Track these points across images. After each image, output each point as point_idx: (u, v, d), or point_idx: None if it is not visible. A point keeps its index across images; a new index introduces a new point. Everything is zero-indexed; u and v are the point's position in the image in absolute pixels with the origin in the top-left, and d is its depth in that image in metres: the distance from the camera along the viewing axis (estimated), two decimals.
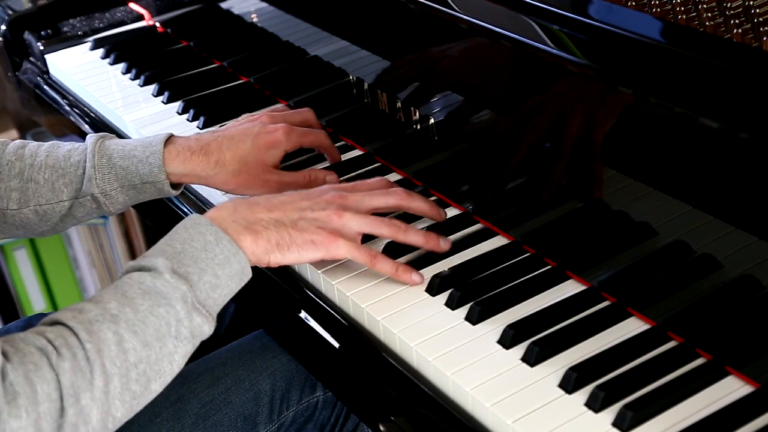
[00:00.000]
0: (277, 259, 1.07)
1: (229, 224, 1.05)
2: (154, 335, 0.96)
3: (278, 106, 1.38)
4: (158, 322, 0.96)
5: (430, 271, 1.14)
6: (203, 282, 1.00)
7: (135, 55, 1.73)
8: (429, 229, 1.18)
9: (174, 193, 1.27)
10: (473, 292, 1.09)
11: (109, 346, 0.93)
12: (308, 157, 1.39)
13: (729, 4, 1.03)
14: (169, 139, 1.25)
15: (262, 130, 1.27)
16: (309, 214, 1.09)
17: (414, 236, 1.14)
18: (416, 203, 1.17)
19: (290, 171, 1.29)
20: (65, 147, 1.26)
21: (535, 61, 1.12)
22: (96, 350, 0.92)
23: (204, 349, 1.33)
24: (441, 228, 1.20)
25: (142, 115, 1.56)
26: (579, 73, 1.07)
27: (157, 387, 0.97)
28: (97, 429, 0.92)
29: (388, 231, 1.13)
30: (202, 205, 1.36)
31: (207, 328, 1.01)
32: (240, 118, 1.35)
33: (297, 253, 1.08)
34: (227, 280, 1.02)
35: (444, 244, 1.16)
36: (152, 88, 1.62)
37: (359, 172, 1.35)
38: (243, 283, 1.05)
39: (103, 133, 1.28)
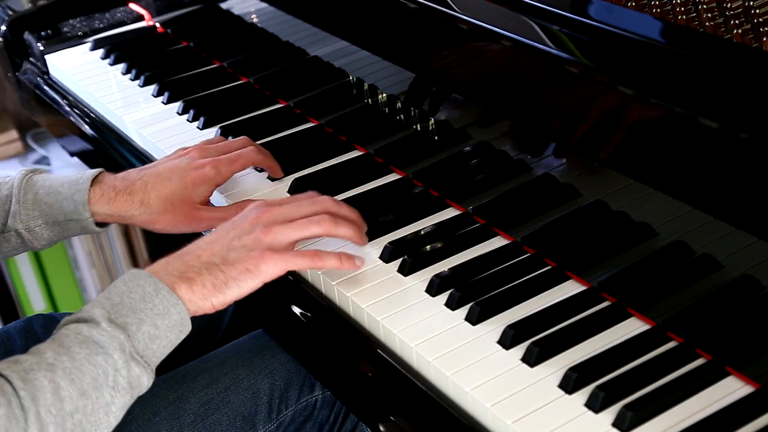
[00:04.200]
0: (219, 300, 1.04)
1: (164, 277, 1.02)
2: (91, 384, 0.93)
3: (213, 138, 1.36)
4: (95, 370, 0.94)
5: (430, 271, 1.14)
6: (142, 332, 0.98)
7: (135, 55, 1.73)
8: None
9: (100, 231, 1.25)
10: (473, 292, 1.09)
11: (44, 394, 0.90)
12: None
13: (729, 4, 1.03)
14: (98, 177, 1.24)
15: (190, 166, 1.23)
16: (236, 243, 1.06)
17: (344, 230, 1.11)
18: (342, 230, 1.12)
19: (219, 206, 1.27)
20: None
21: (535, 61, 1.12)
22: (31, 398, 0.90)
23: (203, 348, 1.33)
24: (442, 228, 1.21)
25: (142, 115, 1.56)
26: (579, 73, 1.07)
27: None
28: None
29: (319, 229, 1.09)
30: None
31: (146, 380, 0.98)
32: (173, 152, 1.32)
33: (237, 287, 1.04)
34: (166, 331, 1.00)
35: (365, 239, 1.15)
36: (152, 88, 1.62)
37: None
38: (182, 336, 1.02)
39: (33, 167, 1.27)
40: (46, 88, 1.75)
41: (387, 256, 1.16)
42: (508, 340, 1.02)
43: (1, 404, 0.88)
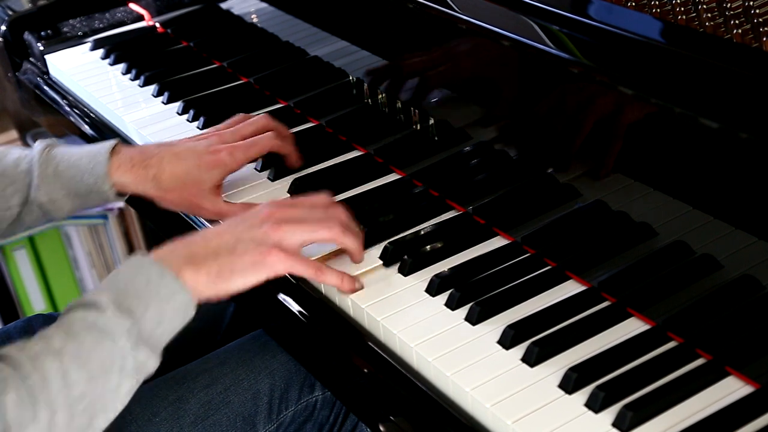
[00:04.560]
0: (222, 289, 1.04)
1: (170, 262, 1.03)
2: (98, 369, 0.95)
3: (236, 117, 1.36)
4: (102, 356, 0.95)
5: (430, 271, 1.14)
6: (147, 318, 0.99)
7: (135, 55, 1.73)
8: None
9: (119, 200, 1.28)
10: (473, 292, 1.09)
11: (53, 381, 0.92)
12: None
13: (729, 4, 1.03)
14: (115, 148, 1.26)
15: (206, 150, 1.26)
16: (245, 235, 1.07)
17: (350, 241, 1.12)
18: (349, 241, 1.13)
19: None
20: (14, 154, 1.28)
21: (535, 61, 1.12)
22: (40, 384, 0.91)
23: (203, 349, 1.33)
24: (442, 228, 1.21)
25: (142, 115, 1.56)
26: (579, 73, 1.07)
27: (101, 423, 0.96)
28: None
29: (328, 234, 1.10)
30: None
31: (152, 364, 0.99)
32: (192, 135, 1.34)
33: (242, 278, 1.05)
34: (171, 316, 1.01)
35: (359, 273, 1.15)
36: (152, 88, 1.62)
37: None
38: (186, 320, 1.03)
39: (50, 140, 1.29)
40: (46, 88, 1.75)
41: (387, 256, 1.16)
42: (508, 340, 1.02)
43: (11, 390, 0.89)
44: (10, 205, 1.25)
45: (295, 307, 1.17)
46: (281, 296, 1.19)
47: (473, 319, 1.06)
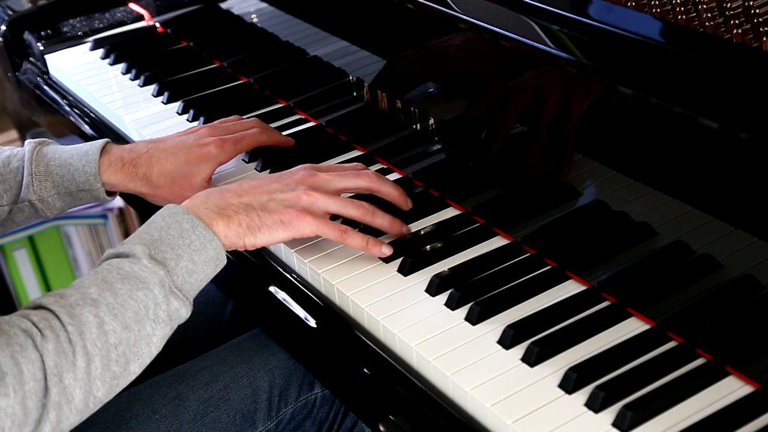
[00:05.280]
0: (250, 241, 1.10)
1: (202, 211, 1.08)
2: (133, 318, 0.98)
3: (230, 118, 1.39)
4: (137, 305, 0.99)
5: (430, 271, 1.14)
6: (180, 267, 1.02)
7: (135, 55, 1.73)
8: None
9: (110, 199, 1.30)
10: (473, 292, 1.09)
11: (90, 329, 0.95)
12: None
13: (729, 4, 1.03)
14: (106, 147, 1.28)
15: (196, 143, 1.28)
16: (278, 195, 1.11)
17: (381, 219, 1.17)
18: (385, 187, 1.19)
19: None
20: (5, 153, 1.29)
21: (535, 60, 1.12)
22: (78, 332, 0.94)
23: (202, 346, 1.33)
24: (440, 226, 1.21)
25: (142, 115, 1.56)
26: (579, 73, 1.07)
27: (135, 368, 1.00)
28: (79, 408, 0.94)
29: (355, 212, 1.15)
30: None
31: (184, 312, 1.03)
32: (183, 129, 1.36)
33: (268, 234, 1.10)
34: (203, 266, 1.05)
35: (405, 230, 1.19)
36: (152, 88, 1.62)
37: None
38: (218, 269, 1.07)
39: (41, 140, 1.31)
40: (45, 88, 1.75)
41: (387, 256, 1.16)
42: (508, 340, 1.02)
43: (50, 339, 0.93)
44: (1, 204, 1.26)
45: (294, 307, 1.17)
46: (281, 296, 1.19)
47: (473, 319, 1.06)
